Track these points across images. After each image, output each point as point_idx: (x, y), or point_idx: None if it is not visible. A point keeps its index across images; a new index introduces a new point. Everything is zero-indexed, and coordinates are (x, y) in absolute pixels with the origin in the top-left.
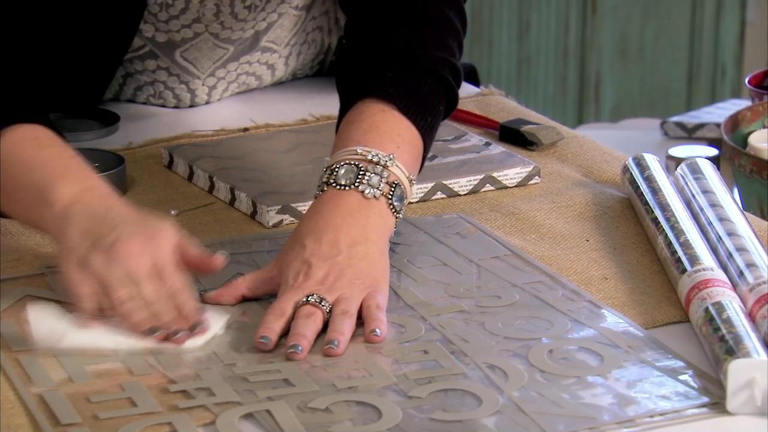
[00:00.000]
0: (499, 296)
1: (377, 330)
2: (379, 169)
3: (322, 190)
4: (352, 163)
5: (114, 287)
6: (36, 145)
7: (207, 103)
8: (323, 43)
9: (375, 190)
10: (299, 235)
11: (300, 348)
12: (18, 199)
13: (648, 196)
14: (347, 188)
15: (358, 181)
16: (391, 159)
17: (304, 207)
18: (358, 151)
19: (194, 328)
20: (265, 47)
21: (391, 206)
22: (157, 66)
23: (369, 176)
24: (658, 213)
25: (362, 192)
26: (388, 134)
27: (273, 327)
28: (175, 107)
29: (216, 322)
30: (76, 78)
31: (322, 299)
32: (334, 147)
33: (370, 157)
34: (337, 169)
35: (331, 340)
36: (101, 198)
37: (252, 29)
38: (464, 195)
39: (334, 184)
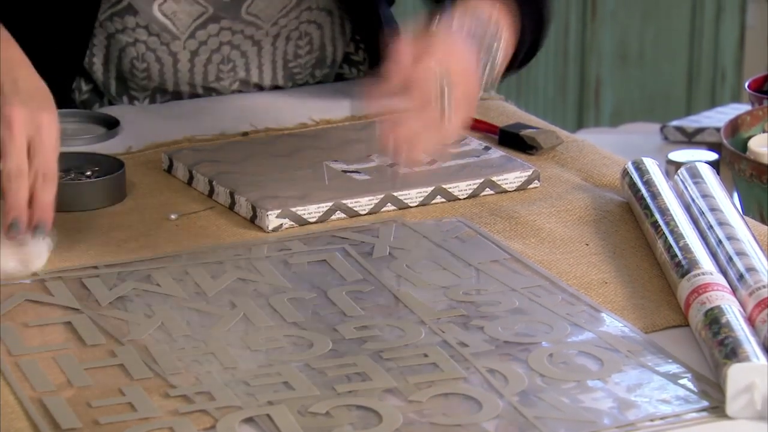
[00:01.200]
0: (498, 300)
1: None
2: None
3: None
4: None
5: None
6: None
7: (190, 71)
8: (324, 49)
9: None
10: None
11: None
12: None
13: (647, 201)
14: None
15: None
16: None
17: (303, 211)
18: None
19: (36, 228)
20: (248, 20)
21: None
22: (137, 24)
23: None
24: (657, 217)
25: None
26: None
27: None
28: (161, 74)
29: (42, 248)
30: (54, 30)
31: None
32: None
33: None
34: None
35: None
36: (9, 66)
37: None
38: (464, 199)
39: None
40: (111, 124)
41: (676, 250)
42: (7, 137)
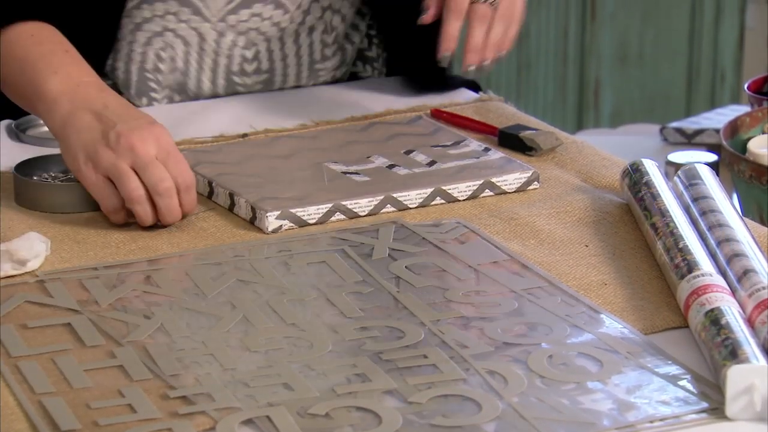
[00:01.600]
0: (498, 302)
1: None
2: None
3: None
4: None
5: (125, 178)
6: (32, 42)
7: (215, 51)
8: (344, 46)
9: None
10: None
11: None
12: (18, 94)
13: (647, 202)
14: None
15: None
16: None
17: (303, 212)
18: None
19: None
20: (281, 3)
21: None
22: (166, 11)
23: None
24: (657, 218)
25: None
26: None
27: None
28: (186, 64)
29: (38, 249)
30: (79, 31)
31: None
32: None
33: None
34: None
35: None
36: (96, 94)
37: None
38: (463, 200)
39: None
40: None
41: (676, 251)
42: (140, 162)
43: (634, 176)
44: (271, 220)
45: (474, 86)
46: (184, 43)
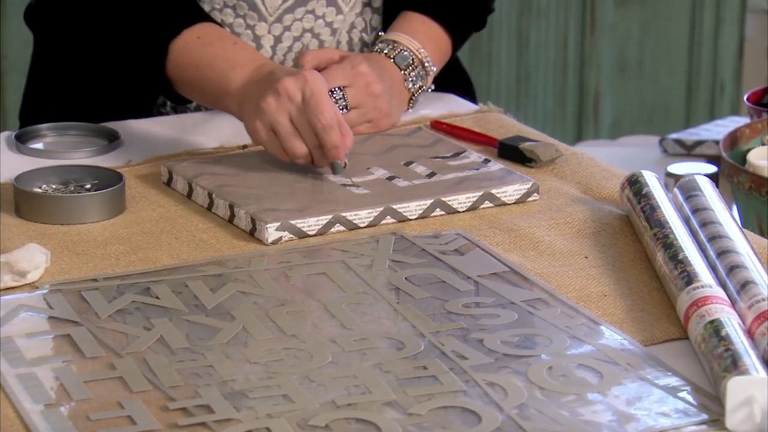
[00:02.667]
0: (497, 313)
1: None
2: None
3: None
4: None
5: (287, 140)
6: (200, 45)
7: (271, 58)
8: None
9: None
10: None
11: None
12: (200, 95)
13: (647, 213)
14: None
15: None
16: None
17: (303, 224)
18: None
19: (333, 168)
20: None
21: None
22: (224, 3)
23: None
24: (656, 230)
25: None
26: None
27: None
28: None
29: (38, 260)
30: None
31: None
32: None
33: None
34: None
35: None
36: (269, 74)
37: None
38: (463, 212)
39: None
40: (111, 137)
41: (676, 262)
42: (293, 109)
43: (634, 188)
44: (271, 232)
45: (470, 94)
46: None
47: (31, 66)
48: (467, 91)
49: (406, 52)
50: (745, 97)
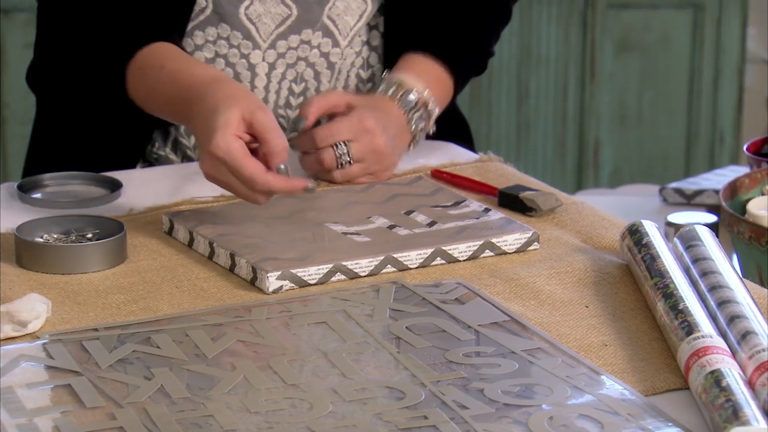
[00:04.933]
0: (498, 363)
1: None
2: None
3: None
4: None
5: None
6: (140, 77)
7: (266, 88)
8: (379, 83)
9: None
10: None
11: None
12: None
13: (647, 263)
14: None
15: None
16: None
17: (304, 273)
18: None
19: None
20: (326, 26)
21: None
22: (218, 35)
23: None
24: (657, 280)
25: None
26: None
27: None
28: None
29: (39, 310)
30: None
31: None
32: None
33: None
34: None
35: None
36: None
37: None
38: (463, 261)
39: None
40: (113, 186)
41: (676, 312)
42: (227, 184)
43: (634, 237)
44: (272, 281)
45: (469, 141)
46: (235, 77)
47: (35, 124)
48: (466, 139)
49: (411, 95)
50: (744, 147)
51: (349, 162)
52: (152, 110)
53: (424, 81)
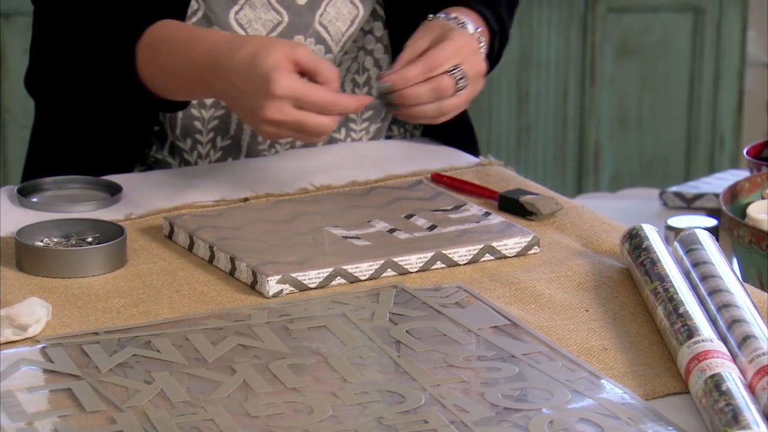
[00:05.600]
0: (498, 367)
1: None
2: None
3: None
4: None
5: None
6: (151, 54)
7: None
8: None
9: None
10: None
11: None
12: (176, 75)
13: (647, 267)
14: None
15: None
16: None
17: (304, 277)
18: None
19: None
20: (318, 33)
21: None
22: None
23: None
24: (657, 283)
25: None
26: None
27: None
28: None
29: (39, 314)
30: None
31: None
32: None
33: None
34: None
35: None
36: (217, 67)
37: None
38: (464, 265)
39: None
40: (113, 190)
41: (676, 316)
42: (282, 132)
43: (634, 241)
44: (272, 285)
45: (473, 146)
46: None
47: (34, 128)
48: (471, 145)
49: (470, 26)
50: (744, 151)
51: (466, 85)
52: (166, 87)
53: (473, 18)
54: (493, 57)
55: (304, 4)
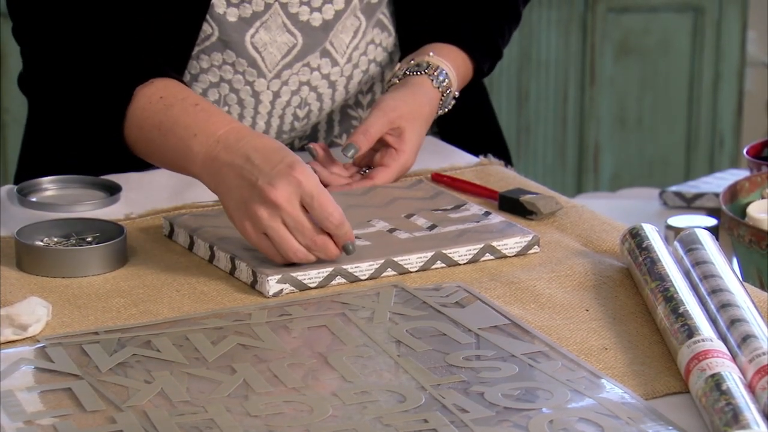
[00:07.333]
0: (498, 366)
1: None
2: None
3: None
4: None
5: (283, 243)
6: (162, 107)
7: (269, 113)
8: (375, 85)
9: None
10: None
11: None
12: (163, 160)
13: (647, 266)
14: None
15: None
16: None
17: (304, 276)
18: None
19: (346, 249)
20: (327, 51)
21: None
22: (223, 60)
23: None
24: (657, 283)
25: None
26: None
27: None
28: (240, 118)
29: (39, 314)
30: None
31: None
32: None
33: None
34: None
35: None
36: (235, 144)
37: (320, 13)
38: (464, 264)
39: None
40: (113, 190)
41: (676, 316)
42: (289, 220)
43: (634, 241)
44: (272, 284)
45: (473, 150)
46: (239, 103)
47: (27, 125)
48: (503, 153)
49: (442, 76)
50: (744, 151)
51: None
52: (149, 152)
53: (451, 62)
54: (479, 78)
55: (319, 25)
